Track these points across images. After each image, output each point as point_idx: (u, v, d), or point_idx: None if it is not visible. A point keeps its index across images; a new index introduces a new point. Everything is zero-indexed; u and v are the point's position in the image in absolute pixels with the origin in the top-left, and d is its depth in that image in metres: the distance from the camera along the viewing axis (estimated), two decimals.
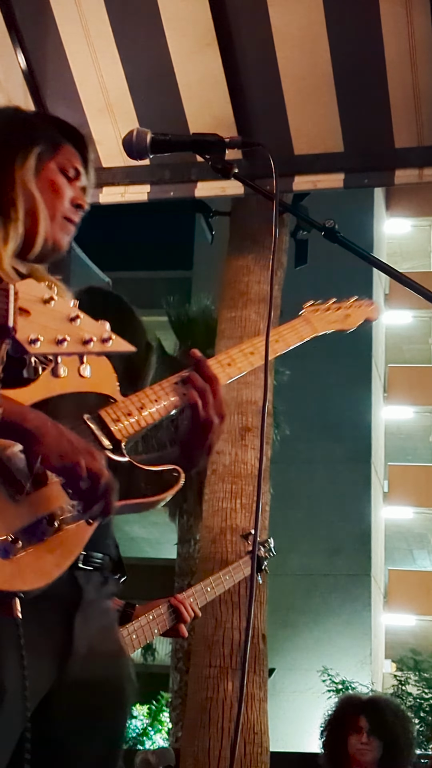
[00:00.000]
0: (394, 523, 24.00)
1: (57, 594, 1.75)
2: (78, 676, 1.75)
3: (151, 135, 2.08)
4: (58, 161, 2.02)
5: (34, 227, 1.96)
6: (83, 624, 1.83)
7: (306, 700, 18.75)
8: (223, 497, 7.51)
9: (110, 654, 1.89)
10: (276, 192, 2.07)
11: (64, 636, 1.79)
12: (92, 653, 1.81)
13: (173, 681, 15.78)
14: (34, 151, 1.98)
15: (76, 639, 1.80)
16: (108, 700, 1.83)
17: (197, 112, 4.05)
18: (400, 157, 4.01)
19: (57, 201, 2.00)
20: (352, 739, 4.02)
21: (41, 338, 1.42)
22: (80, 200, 2.05)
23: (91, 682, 1.78)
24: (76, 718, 1.74)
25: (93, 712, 1.78)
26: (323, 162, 4.06)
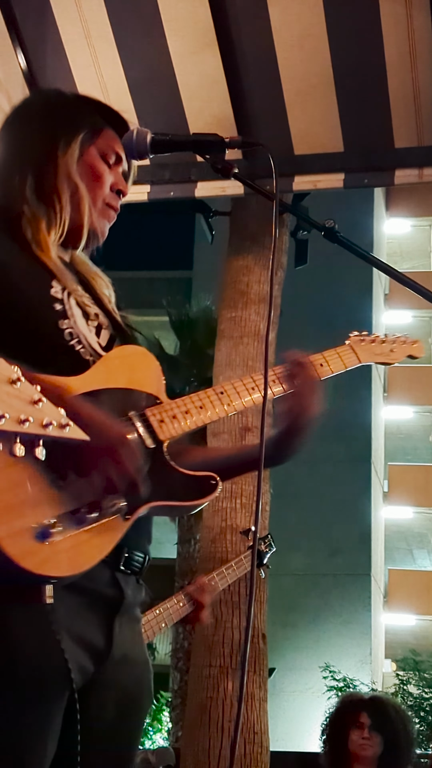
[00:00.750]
0: (394, 523, 24.00)
1: (101, 594, 1.78)
2: (109, 680, 1.74)
3: (151, 135, 2.08)
4: (99, 146, 2.02)
5: (78, 216, 1.96)
6: (121, 628, 1.83)
7: (306, 700, 18.75)
8: (224, 497, 7.51)
9: (140, 663, 1.89)
10: (276, 192, 2.07)
11: (104, 637, 1.78)
12: (125, 659, 1.82)
13: (173, 680, 15.77)
14: (78, 139, 1.98)
15: (115, 643, 1.79)
16: (131, 708, 1.83)
17: (197, 112, 4.06)
18: (400, 157, 4.01)
19: (98, 187, 2.00)
20: (353, 735, 4.03)
21: (7, 416, 1.44)
22: (121, 186, 2.05)
23: (119, 688, 1.77)
24: (100, 719, 1.73)
25: (116, 717, 1.78)
26: (323, 162, 4.06)
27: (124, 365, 1.90)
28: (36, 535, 1.60)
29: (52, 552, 1.62)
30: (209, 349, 11.00)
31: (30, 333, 1.80)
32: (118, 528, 1.74)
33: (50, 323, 1.84)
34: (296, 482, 19.29)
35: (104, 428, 1.68)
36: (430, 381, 24.93)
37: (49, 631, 1.64)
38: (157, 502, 1.83)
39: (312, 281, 17.39)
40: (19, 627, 1.64)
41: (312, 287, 18.35)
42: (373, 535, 21.73)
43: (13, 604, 1.63)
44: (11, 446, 1.48)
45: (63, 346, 1.83)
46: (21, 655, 1.63)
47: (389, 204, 26.39)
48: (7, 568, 1.57)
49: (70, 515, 1.66)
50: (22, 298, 1.82)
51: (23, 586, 1.64)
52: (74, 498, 1.67)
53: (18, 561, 1.56)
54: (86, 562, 1.68)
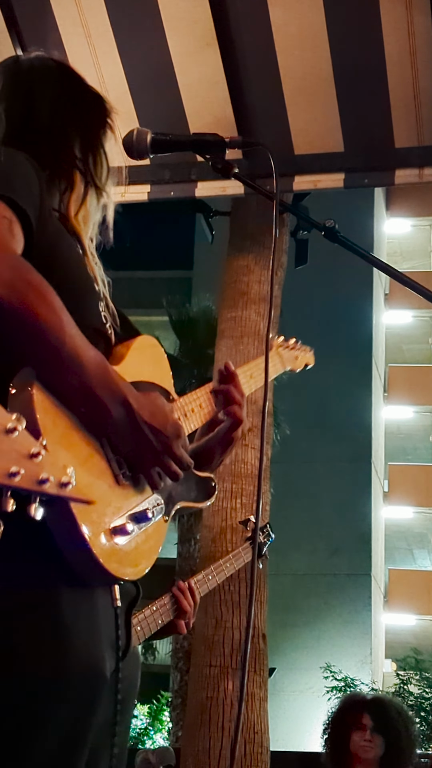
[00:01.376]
0: (394, 523, 24.01)
1: (126, 591, 1.76)
2: (123, 675, 1.73)
3: (151, 135, 2.08)
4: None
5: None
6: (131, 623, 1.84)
7: (306, 700, 18.75)
8: (224, 497, 7.51)
9: (137, 653, 1.90)
10: (276, 192, 2.07)
11: (126, 635, 1.77)
12: (134, 653, 1.82)
13: (173, 680, 15.78)
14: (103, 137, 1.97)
15: (131, 638, 1.80)
16: (131, 699, 1.83)
17: (197, 111, 4.05)
18: (401, 156, 4.00)
19: None
20: (354, 737, 4.02)
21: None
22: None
23: (128, 680, 1.76)
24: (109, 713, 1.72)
25: (121, 710, 1.76)
26: (323, 162, 4.06)
27: (145, 357, 1.89)
28: (113, 535, 1.59)
29: (125, 552, 1.61)
30: (209, 349, 11.03)
31: (77, 312, 1.74)
32: (161, 530, 1.75)
33: (94, 304, 1.82)
34: (296, 482, 19.30)
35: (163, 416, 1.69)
36: (430, 381, 24.95)
37: (116, 636, 1.64)
38: (183, 502, 1.85)
39: (312, 281, 17.40)
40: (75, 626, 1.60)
41: (312, 287, 18.36)
42: (373, 535, 21.74)
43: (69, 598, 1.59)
44: (2, 502, 1.42)
45: (100, 329, 1.82)
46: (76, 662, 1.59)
47: (389, 204, 26.41)
48: (91, 567, 1.56)
49: (134, 514, 1.65)
50: (72, 274, 1.79)
51: (92, 588, 1.62)
52: (132, 496, 1.67)
53: (104, 563, 1.55)
54: (147, 563, 1.68)
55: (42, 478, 1.42)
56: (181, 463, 1.72)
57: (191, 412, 1.94)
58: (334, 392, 21.04)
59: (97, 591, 1.65)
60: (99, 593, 1.65)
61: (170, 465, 1.71)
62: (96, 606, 1.64)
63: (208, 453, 2.04)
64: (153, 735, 18.81)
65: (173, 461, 1.71)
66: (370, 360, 22.94)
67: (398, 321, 25.83)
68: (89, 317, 1.79)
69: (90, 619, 1.63)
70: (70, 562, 1.56)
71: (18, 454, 1.42)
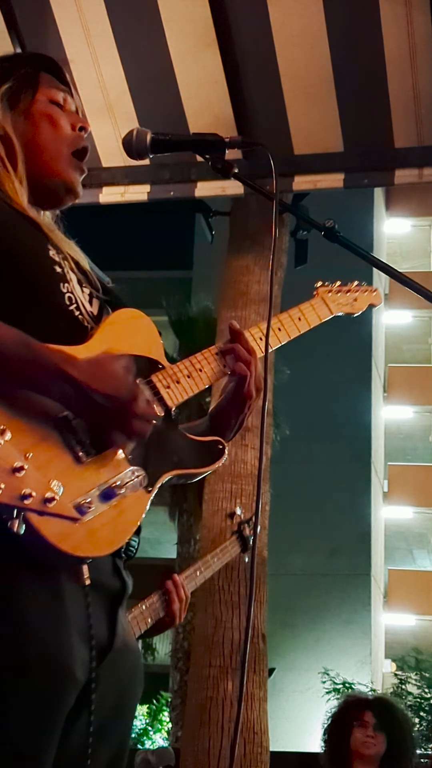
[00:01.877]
0: (393, 523, 24.00)
1: (106, 586, 1.75)
2: (110, 671, 1.71)
3: (151, 135, 2.08)
4: (44, 93, 1.95)
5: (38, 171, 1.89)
6: (122, 618, 1.81)
7: (306, 700, 18.74)
8: (223, 497, 7.51)
9: (135, 650, 1.87)
10: (276, 192, 2.07)
11: (108, 631, 1.74)
12: (126, 647, 1.79)
13: (173, 681, 15.77)
14: (2, 91, 1.90)
15: (117, 634, 1.76)
16: (129, 697, 1.81)
17: (197, 111, 4.05)
18: (400, 156, 4.01)
19: (58, 133, 1.93)
20: (356, 733, 4.02)
21: None
22: (80, 122, 1.97)
23: (119, 676, 1.74)
24: (101, 710, 1.69)
25: (117, 708, 1.75)
26: (323, 162, 4.06)
27: (125, 330, 1.86)
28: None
29: (87, 531, 1.60)
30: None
31: (32, 296, 1.76)
32: (141, 501, 1.73)
33: (53, 286, 1.79)
34: (296, 482, 19.29)
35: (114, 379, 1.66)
36: (429, 381, 24.94)
37: (87, 615, 1.62)
38: (174, 470, 1.82)
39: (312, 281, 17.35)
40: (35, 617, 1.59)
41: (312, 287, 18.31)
42: (373, 535, 21.73)
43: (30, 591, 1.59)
44: None
45: (64, 311, 1.79)
46: (35, 653, 1.58)
47: (389, 204, 26.39)
48: (46, 550, 1.55)
49: (98, 491, 1.64)
50: (26, 259, 1.77)
51: (58, 570, 1.62)
52: (97, 473, 1.66)
53: (56, 543, 1.54)
54: (120, 538, 1.67)
55: (24, 494, 1.42)
56: (144, 419, 1.69)
57: (186, 377, 1.91)
58: (333, 392, 21.03)
59: (63, 580, 1.63)
60: (67, 582, 1.63)
61: (132, 425, 1.67)
62: (62, 597, 1.62)
63: (223, 416, 2.00)
64: (152, 735, 18.81)
65: (135, 420, 1.67)
66: (369, 360, 22.93)
67: (398, 321, 25.82)
68: (49, 300, 1.77)
69: (55, 611, 1.61)
70: (29, 547, 1.55)
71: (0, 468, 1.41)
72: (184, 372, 1.92)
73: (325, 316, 2.28)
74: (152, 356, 1.87)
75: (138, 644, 1.91)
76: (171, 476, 1.82)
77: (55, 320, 1.76)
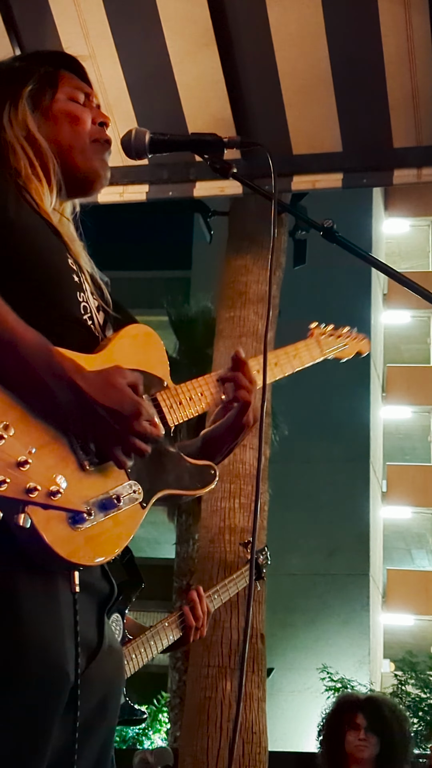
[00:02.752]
0: (392, 523, 24.01)
1: (96, 588, 1.76)
2: (96, 672, 1.72)
3: (149, 135, 2.08)
4: (64, 91, 1.97)
5: (46, 167, 1.90)
6: (108, 621, 1.82)
7: (304, 700, 18.75)
8: (222, 497, 7.51)
9: (118, 650, 1.87)
10: (274, 192, 2.06)
11: (97, 633, 1.75)
12: (111, 649, 1.80)
13: (172, 681, 15.77)
14: (25, 93, 1.92)
15: (106, 636, 1.77)
16: (113, 697, 1.81)
17: (196, 111, 4.05)
18: (399, 156, 4.01)
19: (79, 129, 1.95)
20: (349, 736, 4.02)
21: None
22: (101, 117, 2.00)
23: (104, 677, 1.75)
24: (86, 710, 1.69)
25: (101, 709, 1.75)
26: (322, 162, 4.06)
27: (134, 345, 1.87)
28: (69, 522, 1.58)
29: (84, 539, 1.61)
30: (208, 349, 11.01)
31: (51, 303, 1.76)
32: (136, 516, 1.74)
33: (71, 295, 1.80)
34: (294, 482, 19.30)
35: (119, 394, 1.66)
36: (428, 381, 24.96)
37: (59, 626, 1.62)
38: (170, 490, 1.83)
39: (310, 281, 17.40)
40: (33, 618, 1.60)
41: (310, 287, 18.35)
42: (371, 535, 21.74)
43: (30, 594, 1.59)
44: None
45: (79, 319, 1.80)
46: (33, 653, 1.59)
47: (388, 204, 26.41)
48: (43, 553, 1.56)
49: (98, 501, 1.64)
50: (49, 264, 1.78)
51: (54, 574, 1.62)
52: (99, 482, 1.66)
53: (54, 547, 1.55)
54: (111, 550, 1.67)
55: (29, 487, 1.44)
56: (144, 438, 1.69)
57: (188, 399, 1.93)
58: (332, 392, 21.05)
59: (59, 582, 1.64)
60: (62, 584, 1.64)
61: (133, 443, 1.68)
62: (57, 599, 1.63)
63: (217, 441, 2.01)
64: (151, 735, 18.81)
65: (136, 438, 1.68)
66: (368, 360, 22.93)
67: (397, 321, 25.84)
68: (65, 307, 1.78)
69: (51, 613, 1.62)
70: (26, 548, 1.56)
71: (4, 462, 1.43)
72: (187, 394, 1.94)
73: (316, 357, 2.33)
74: (158, 375, 1.89)
75: (120, 645, 1.91)
76: (164, 494, 1.83)
77: (70, 327, 1.77)
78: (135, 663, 2.95)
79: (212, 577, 7.13)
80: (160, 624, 3.04)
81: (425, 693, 17.68)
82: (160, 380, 1.89)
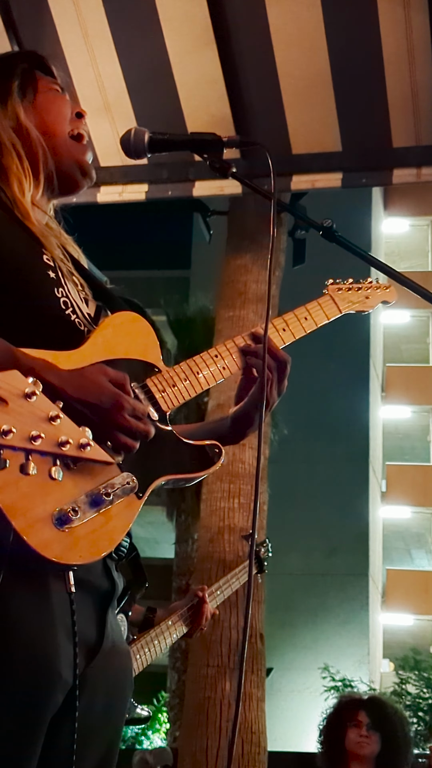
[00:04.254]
0: (391, 523, 24.01)
1: (96, 587, 1.74)
2: (99, 672, 1.70)
3: (149, 134, 2.07)
4: (42, 85, 1.98)
5: (34, 161, 1.90)
6: (112, 619, 1.80)
7: (304, 700, 18.75)
8: (221, 497, 7.51)
9: (124, 651, 1.86)
10: (274, 191, 2.06)
11: (97, 632, 1.74)
12: (114, 649, 1.78)
13: (171, 680, 15.76)
14: (14, 86, 1.93)
15: (107, 634, 1.75)
16: (119, 699, 1.80)
17: (195, 111, 4.05)
18: (398, 156, 4.01)
19: (61, 120, 1.96)
20: (350, 733, 4.02)
21: (14, 430, 1.44)
22: (77, 108, 2.01)
23: (108, 678, 1.74)
24: (90, 712, 1.68)
25: (105, 707, 1.74)
26: (321, 161, 4.06)
27: (120, 334, 1.84)
28: (55, 523, 1.57)
29: (73, 538, 1.59)
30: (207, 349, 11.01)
31: (25, 302, 1.75)
32: (132, 508, 1.72)
33: (46, 292, 1.78)
34: (294, 482, 19.29)
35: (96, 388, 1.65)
36: (428, 380, 24.96)
37: (71, 622, 1.61)
38: (168, 476, 1.81)
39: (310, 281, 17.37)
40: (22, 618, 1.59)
41: (309, 286, 18.31)
42: (371, 535, 21.73)
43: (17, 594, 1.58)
44: (22, 463, 1.47)
45: (59, 315, 1.78)
46: (21, 652, 1.58)
47: (387, 203, 26.40)
48: (31, 558, 1.55)
49: (86, 498, 1.62)
50: (17, 265, 1.76)
51: (46, 574, 1.61)
52: (87, 479, 1.64)
53: (41, 551, 1.54)
54: (106, 545, 1.66)
55: (62, 441, 1.47)
56: (130, 432, 1.68)
57: (182, 381, 1.89)
58: (331, 392, 21.04)
59: (51, 581, 1.62)
60: (56, 583, 1.62)
61: (118, 438, 1.67)
62: (49, 598, 1.62)
63: (245, 416, 1.99)
64: (150, 735, 18.81)
65: (121, 434, 1.67)
66: (367, 360, 22.94)
67: (396, 321, 25.84)
68: (42, 306, 1.77)
69: (41, 612, 1.61)
70: (12, 554, 1.55)
71: (37, 417, 1.46)
72: (181, 375, 1.91)
73: (333, 314, 2.24)
74: (148, 360, 1.86)
75: (128, 646, 1.90)
76: (164, 481, 1.80)
77: (50, 326, 1.75)
78: (141, 662, 2.97)
79: (211, 577, 7.12)
80: (164, 624, 3.05)
81: (425, 693, 17.68)
82: (150, 365, 1.87)
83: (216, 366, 1.98)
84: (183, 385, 1.90)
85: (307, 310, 2.18)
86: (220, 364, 1.98)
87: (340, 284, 2.31)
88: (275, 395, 1.98)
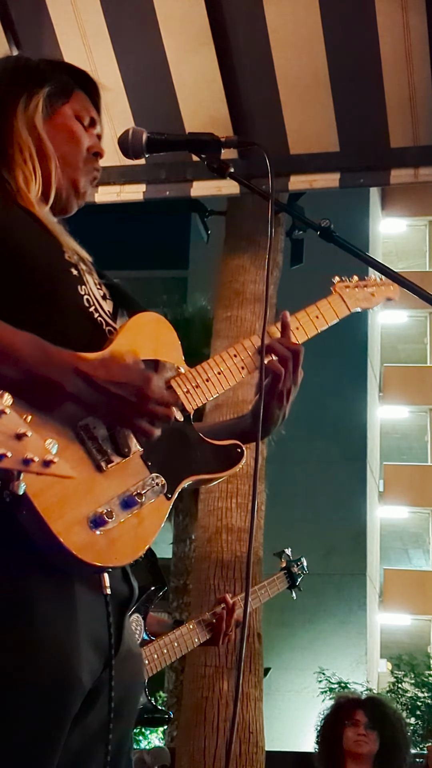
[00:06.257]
0: (389, 523, 24.02)
1: (117, 591, 1.73)
2: (114, 677, 1.69)
3: (146, 134, 2.08)
4: (73, 107, 1.95)
5: (46, 173, 1.88)
6: (127, 623, 1.81)
7: (301, 700, 18.76)
8: (219, 496, 7.50)
9: (137, 654, 1.87)
10: (272, 191, 2.06)
11: (116, 635, 1.73)
12: (129, 653, 1.79)
13: (169, 680, 15.76)
14: (42, 92, 1.91)
15: (124, 639, 1.76)
16: (130, 701, 1.80)
17: (193, 111, 4.05)
18: (396, 156, 4.01)
19: (75, 148, 1.93)
20: (348, 732, 4.02)
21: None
22: (98, 148, 1.98)
23: (122, 681, 1.73)
24: (101, 716, 1.68)
25: (118, 713, 1.72)
26: (319, 161, 4.06)
27: (145, 334, 1.87)
28: (91, 525, 1.58)
29: (109, 540, 1.60)
30: (205, 349, 11.01)
31: (52, 300, 1.75)
32: (162, 508, 1.73)
33: (71, 290, 1.79)
34: (291, 482, 19.30)
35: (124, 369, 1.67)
36: (425, 380, 24.97)
37: (73, 630, 1.61)
38: (194, 476, 1.83)
39: (308, 281, 17.39)
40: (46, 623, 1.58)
41: (307, 287, 18.34)
42: (368, 535, 21.75)
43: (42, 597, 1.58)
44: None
45: (83, 313, 1.79)
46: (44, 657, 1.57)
47: (385, 204, 26.41)
48: (69, 561, 1.56)
49: (118, 500, 1.64)
50: (40, 264, 1.77)
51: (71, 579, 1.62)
52: (118, 482, 1.66)
53: (79, 554, 1.55)
54: (140, 546, 1.67)
55: (27, 458, 1.44)
56: (165, 404, 1.70)
57: (205, 381, 1.91)
58: (329, 392, 21.04)
59: (75, 585, 1.62)
60: (80, 587, 1.62)
61: (155, 409, 1.68)
62: (74, 603, 1.62)
63: (266, 410, 2.00)
64: (148, 735, 18.81)
65: (156, 405, 1.68)
66: (365, 360, 22.95)
67: (393, 321, 25.85)
68: (67, 303, 1.77)
69: (66, 617, 1.61)
70: (48, 556, 1.56)
71: (5, 436, 1.43)
72: (203, 376, 1.93)
73: (342, 313, 2.25)
74: (172, 360, 1.89)
75: (140, 649, 1.90)
76: (190, 482, 1.83)
77: (76, 323, 1.77)
78: (156, 664, 2.98)
79: (209, 577, 7.13)
80: (185, 626, 3.06)
81: (422, 692, 17.69)
82: (174, 366, 1.89)
83: (235, 365, 2.00)
84: (205, 385, 1.92)
85: (317, 308, 2.19)
86: (239, 363, 2.00)
87: (346, 282, 2.32)
88: (290, 386, 2.01)
